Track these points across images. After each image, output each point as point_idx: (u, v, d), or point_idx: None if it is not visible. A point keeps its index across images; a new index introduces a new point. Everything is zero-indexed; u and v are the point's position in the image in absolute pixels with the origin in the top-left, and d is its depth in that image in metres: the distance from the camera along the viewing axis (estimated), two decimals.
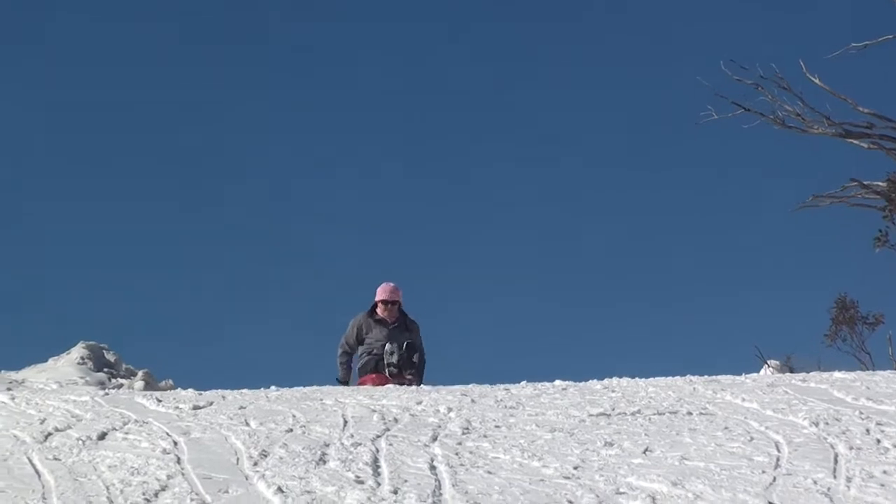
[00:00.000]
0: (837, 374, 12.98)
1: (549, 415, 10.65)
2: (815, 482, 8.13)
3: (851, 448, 8.95)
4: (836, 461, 8.65)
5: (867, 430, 9.53)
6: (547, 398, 11.66)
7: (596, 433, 9.76)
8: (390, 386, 13.73)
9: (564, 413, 10.70)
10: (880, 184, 22.28)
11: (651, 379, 13.00)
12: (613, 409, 10.78)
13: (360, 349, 15.37)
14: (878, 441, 9.18)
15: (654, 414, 10.54)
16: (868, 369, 20.27)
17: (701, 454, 8.93)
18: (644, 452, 9.04)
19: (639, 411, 10.66)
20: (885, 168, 22.39)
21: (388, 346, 14.95)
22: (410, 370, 14.80)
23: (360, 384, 14.64)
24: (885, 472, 8.30)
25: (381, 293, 15.54)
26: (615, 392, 11.99)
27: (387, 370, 14.85)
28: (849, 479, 8.19)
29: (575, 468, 8.62)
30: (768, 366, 23.90)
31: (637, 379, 13.02)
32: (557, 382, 13.13)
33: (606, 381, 13.05)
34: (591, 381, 13.13)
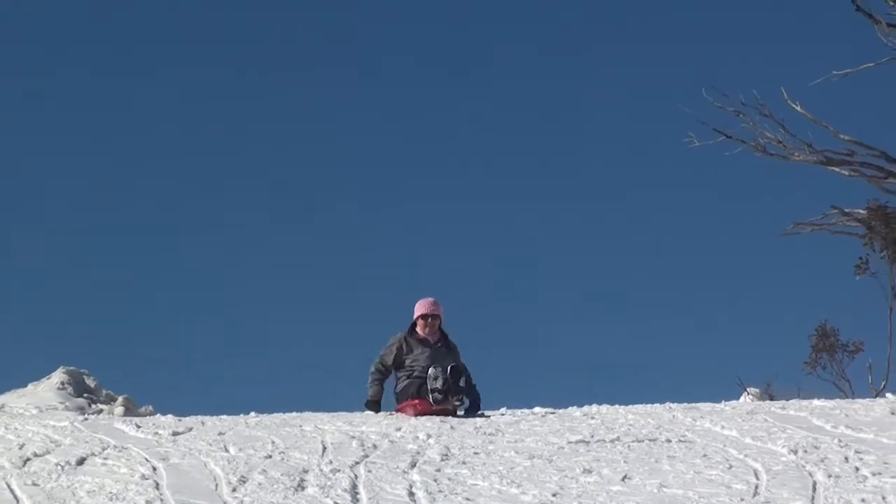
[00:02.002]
0: (817, 402, 13.01)
1: (528, 441, 10.64)
2: None
3: (830, 476, 8.96)
4: (814, 489, 8.66)
5: (846, 458, 9.54)
6: (526, 425, 11.66)
7: (575, 460, 9.77)
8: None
9: (543, 440, 10.69)
10: (861, 211, 22.34)
11: (630, 406, 13.00)
12: (593, 436, 10.78)
13: (400, 373, 13.61)
14: (857, 469, 9.19)
15: (634, 441, 10.54)
16: (848, 397, 20.34)
17: (679, 482, 8.94)
18: (623, 480, 9.04)
19: (618, 438, 10.67)
20: (865, 195, 22.46)
21: (431, 371, 13.17)
22: (458, 396, 13.12)
23: (399, 411, 13.27)
24: (863, 500, 8.31)
25: (421, 307, 13.83)
26: (594, 419, 12.00)
27: (430, 396, 13.11)
28: None
29: (553, 495, 8.62)
30: (748, 393, 23.93)
31: (616, 406, 13.03)
32: (537, 409, 13.13)
33: (586, 407, 13.06)
34: (570, 407, 13.13)
